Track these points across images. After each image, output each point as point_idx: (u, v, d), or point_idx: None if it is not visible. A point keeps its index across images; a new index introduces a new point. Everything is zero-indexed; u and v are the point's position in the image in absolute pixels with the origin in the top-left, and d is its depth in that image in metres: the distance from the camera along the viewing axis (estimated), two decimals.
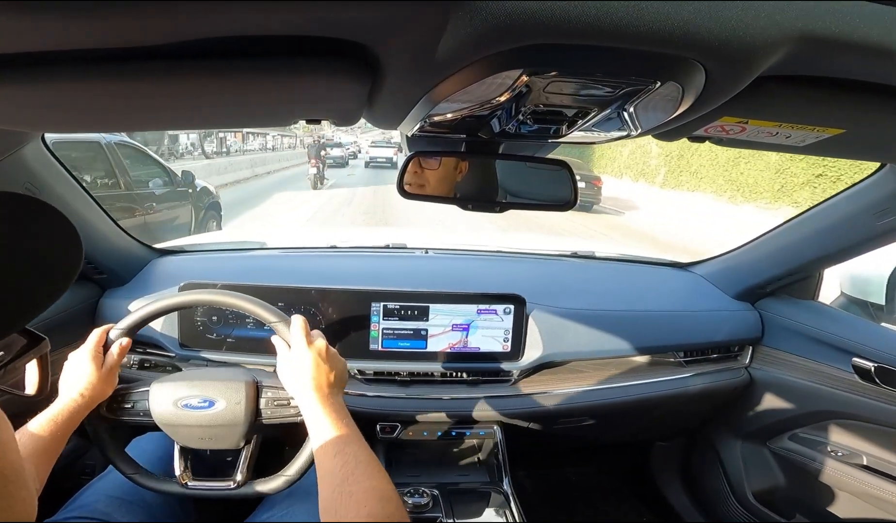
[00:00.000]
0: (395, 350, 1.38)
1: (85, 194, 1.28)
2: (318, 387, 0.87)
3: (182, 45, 0.53)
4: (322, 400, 0.85)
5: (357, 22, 0.49)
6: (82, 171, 5.17)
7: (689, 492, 1.92)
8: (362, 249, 1.82)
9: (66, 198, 1.22)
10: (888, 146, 0.90)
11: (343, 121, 0.79)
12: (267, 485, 0.99)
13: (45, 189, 1.15)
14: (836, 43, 0.49)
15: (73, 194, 1.24)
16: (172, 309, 1.04)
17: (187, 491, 1.00)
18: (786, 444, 1.56)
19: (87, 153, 5.23)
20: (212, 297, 1.03)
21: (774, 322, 1.60)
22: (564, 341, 1.47)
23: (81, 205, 1.28)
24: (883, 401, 1.33)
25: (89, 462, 1.44)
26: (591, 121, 0.72)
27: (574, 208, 1.05)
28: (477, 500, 1.28)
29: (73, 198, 1.24)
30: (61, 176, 1.20)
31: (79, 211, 1.27)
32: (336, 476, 0.73)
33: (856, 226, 1.28)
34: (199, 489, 1.01)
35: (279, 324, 0.97)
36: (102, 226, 1.37)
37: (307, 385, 0.87)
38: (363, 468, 0.73)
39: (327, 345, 0.93)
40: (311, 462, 0.96)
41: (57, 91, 0.63)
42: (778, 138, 0.76)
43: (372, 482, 0.72)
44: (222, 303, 1.02)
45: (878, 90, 0.61)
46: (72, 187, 1.24)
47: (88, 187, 1.49)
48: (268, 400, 0.99)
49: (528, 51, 0.50)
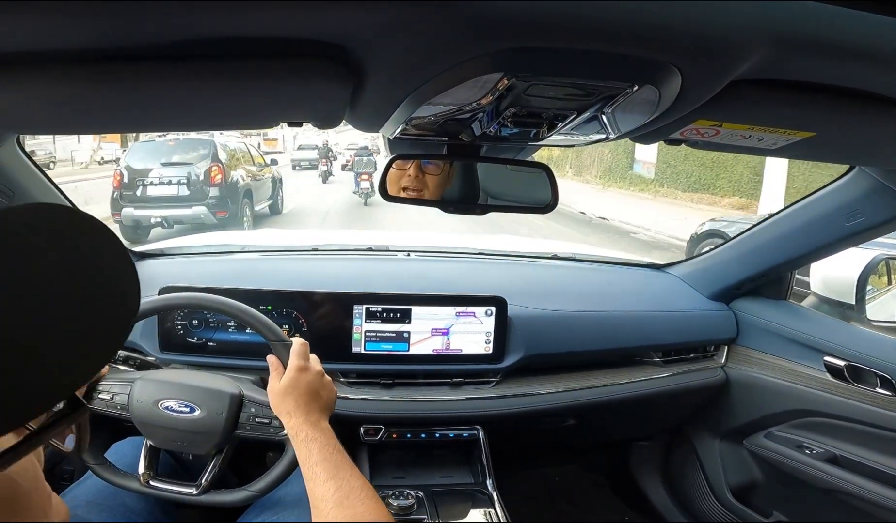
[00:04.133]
0: (377, 352, 1.38)
1: (60, 196, 1.26)
2: (309, 412, 0.87)
3: (162, 47, 0.53)
4: (313, 425, 0.85)
5: (340, 24, 0.49)
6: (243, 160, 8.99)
7: (668, 491, 1.95)
8: (344, 251, 1.81)
9: (41, 200, 1.19)
10: (858, 149, 0.93)
11: (325, 123, 0.79)
12: (228, 496, 0.99)
13: (20, 191, 1.12)
14: (808, 46, 0.51)
15: (47, 197, 1.22)
16: (170, 308, 1.03)
17: (146, 490, 0.99)
18: (762, 442, 1.59)
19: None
20: (216, 304, 1.02)
21: (749, 322, 1.63)
22: (545, 342, 1.49)
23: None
24: (854, 399, 1.36)
25: (67, 467, 1.42)
26: (570, 124, 0.73)
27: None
28: (461, 501, 1.28)
29: (48, 200, 1.22)
30: (35, 177, 1.17)
31: None
32: (329, 501, 0.73)
33: (827, 228, 1.31)
34: (159, 490, 0.99)
35: (279, 344, 0.97)
36: None
37: (300, 409, 0.87)
38: (357, 493, 0.74)
39: (322, 371, 0.94)
40: (279, 480, 0.97)
41: (32, 92, 0.62)
42: (751, 141, 0.78)
43: (366, 505, 0.72)
44: (226, 310, 1.02)
45: (848, 94, 0.63)
46: (47, 189, 1.21)
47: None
48: (249, 414, 0.99)
49: (508, 54, 0.51)
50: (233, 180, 8.33)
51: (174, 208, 7.77)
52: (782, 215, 1.43)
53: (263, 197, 9.69)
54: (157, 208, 7.75)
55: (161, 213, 7.73)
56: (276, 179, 10.40)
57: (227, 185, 8.10)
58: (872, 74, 0.58)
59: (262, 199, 9.56)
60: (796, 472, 1.48)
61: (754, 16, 0.47)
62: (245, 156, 9.31)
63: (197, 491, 0.98)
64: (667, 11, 0.45)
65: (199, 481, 0.99)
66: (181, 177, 7.83)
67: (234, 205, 8.26)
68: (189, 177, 7.84)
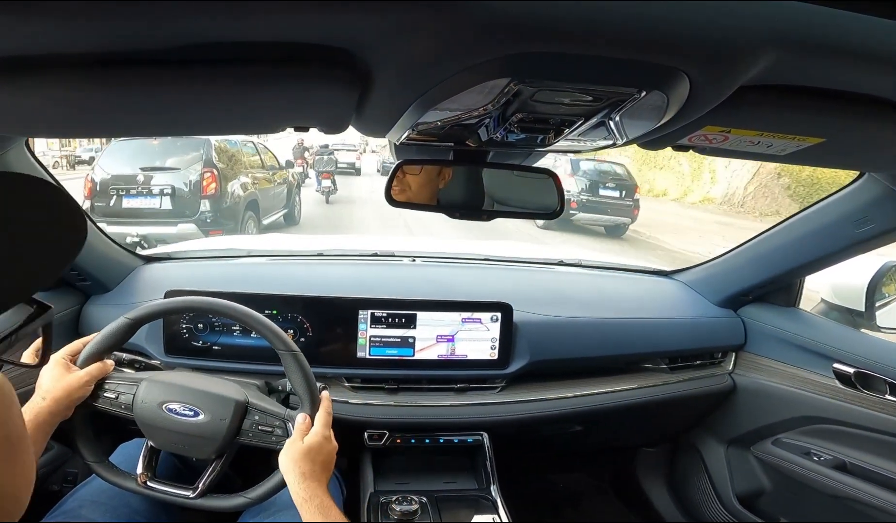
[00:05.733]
0: (382, 357, 1.38)
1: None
2: (322, 481, 0.89)
3: (171, 51, 0.53)
4: (325, 494, 0.87)
5: (347, 29, 0.49)
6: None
7: (674, 497, 1.93)
8: (349, 257, 1.81)
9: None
10: (867, 155, 0.92)
11: (331, 128, 0.79)
12: (224, 502, 0.99)
13: None
14: (818, 51, 0.50)
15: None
16: (177, 311, 1.04)
17: (143, 490, 1.00)
18: (769, 449, 1.58)
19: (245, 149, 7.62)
20: (224, 309, 1.03)
21: (757, 328, 1.62)
22: (551, 349, 1.48)
23: None
24: (863, 406, 1.35)
25: (72, 469, 1.42)
26: (578, 130, 0.73)
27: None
28: (465, 507, 1.28)
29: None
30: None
31: None
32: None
33: (836, 235, 1.30)
34: (156, 491, 1.00)
35: (309, 401, 0.98)
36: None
37: (316, 475, 0.89)
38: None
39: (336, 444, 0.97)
40: (276, 489, 0.97)
41: (43, 96, 0.62)
42: (759, 147, 0.77)
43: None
44: (233, 315, 1.02)
45: (858, 100, 0.63)
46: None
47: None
48: (253, 422, 0.99)
49: (516, 59, 0.50)
50: (231, 190, 6.73)
51: (155, 225, 6.16)
52: (791, 222, 1.42)
53: (276, 206, 8.31)
54: (135, 225, 6.10)
55: (138, 231, 6.05)
56: (292, 184, 9.04)
57: (222, 197, 6.50)
58: (882, 79, 0.57)
59: (273, 209, 8.18)
60: (804, 479, 1.47)
61: (764, 20, 0.46)
62: (251, 159, 7.71)
63: (193, 494, 0.99)
64: (675, 17, 0.45)
65: (197, 484, 0.99)
66: (165, 186, 6.24)
67: (233, 221, 6.70)
68: (174, 187, 6.26)
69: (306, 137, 15.52)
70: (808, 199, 11.99)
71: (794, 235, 1.41)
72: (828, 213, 1.30)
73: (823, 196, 1.32)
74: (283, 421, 0.98)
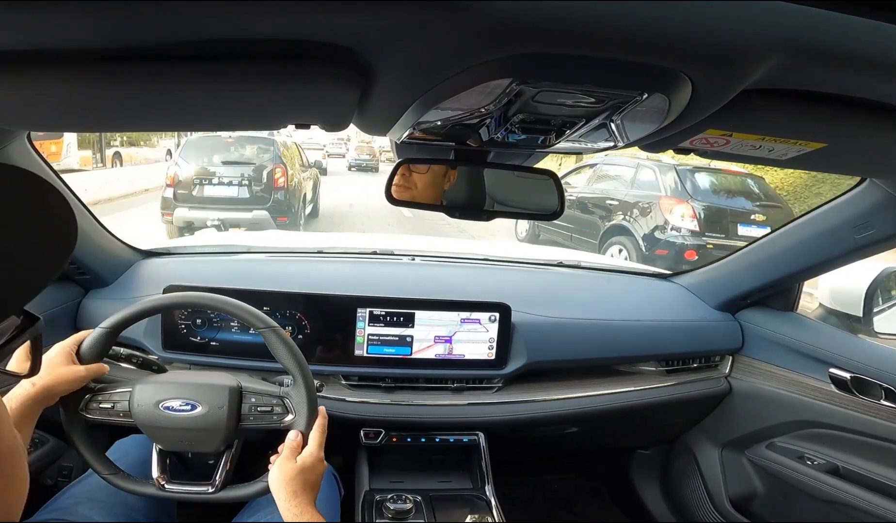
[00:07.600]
0: (380, 356, 1.38)
1: (70, 193, 1.26)
2: (311, 501, 0.88)
3: (174, 47, 0.53)
4: (314, 515, 0.87)
5: (350, 27, 0.49)
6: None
7: (668, 500, 1.94)
8: (349, 254, 1.81)
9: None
10: (869, 160, 0.92)
11: (332, 126, 0.79)
12: (245, 490, 0.98)
13: None
14: (821, 56, 0.50)
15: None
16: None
17: (164, 493, 0.99)
18: (764, 453, 1.58)
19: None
20: (197, 301, 1.02)
21: (754, 332, 1.63)
22: (549, 349, 1.48)
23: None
24: (858, 411, 1.36)
25: (66, 464, 1.42)
26: (579, 131, 0.73)
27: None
28: (460, 506, 1.28)
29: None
30: (46, 175, 1.18)
31: None
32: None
33: (835, 240, 1.30)
34: (176, 492, 0.99)
35: (267, 330, 0.97)
36: (86, 226, 1.35)
37: (306, 494, 0.88)
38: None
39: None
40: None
41: (45, 90, 0.62)
42: (761, 151, 0.77)
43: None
44: (205, 304, 1.01)
45: (860, 105, 0.63)
46: (56, 186, 1.22)
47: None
48: (250, 405, 0.98)
49: (518, 60, 0.50)
50: (295, 183, 7.71)
51: (233, 211, 7.06)
52: (791, 227, 1.42)
53: (312, 199, 9.19)
54: (215, 210, 7.00)
55: (219, 216, 6.97)
56: (317, 180, 9.86)
57: (289, 189, 7.44)
58: (885, 85, 0.57)
59: (311, 202, 9.06)
60: (797, 483, 1.47)
61: (767, 24, 0.46)
62: (297, 157, 8.48)
63: (213, 489, 0.98)
64: (678, 19, 0.45)
65: (214, 479, 0.99)
66: (242, 177, 7.12)
67: (294, 210, 7.64)
68: (251, 178, 7.16)
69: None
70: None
71: (794, 240, 1.41)
72: (828, 218, 1.30)
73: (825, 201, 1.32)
74: (280, 399, 0.98)
